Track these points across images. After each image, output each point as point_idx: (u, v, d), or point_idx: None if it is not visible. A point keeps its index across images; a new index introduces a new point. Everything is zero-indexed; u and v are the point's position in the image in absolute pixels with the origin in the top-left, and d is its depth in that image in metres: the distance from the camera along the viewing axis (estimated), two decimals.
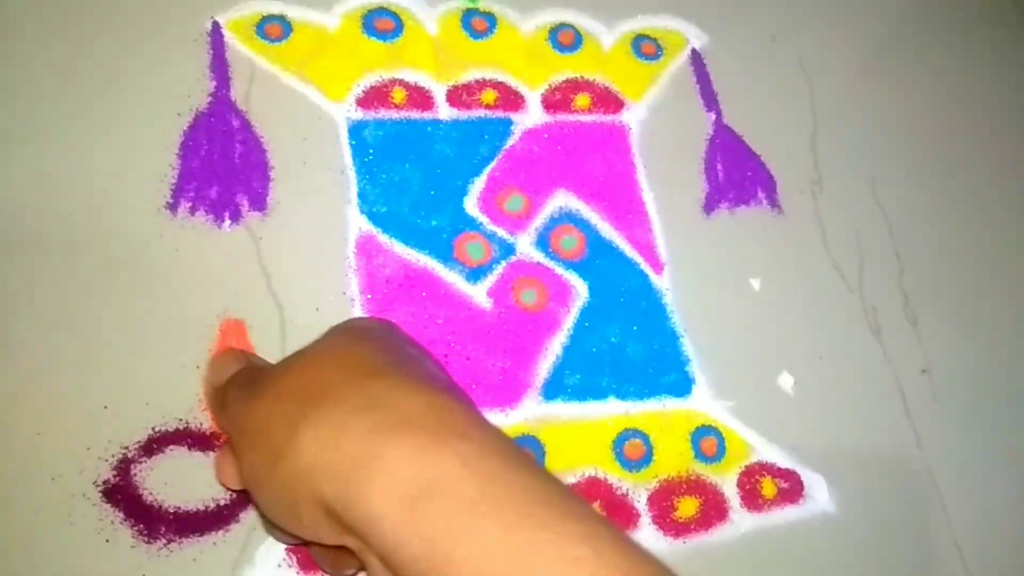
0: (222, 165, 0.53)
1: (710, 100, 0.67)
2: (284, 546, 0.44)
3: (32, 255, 0.47)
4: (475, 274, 0.56)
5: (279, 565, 0.44)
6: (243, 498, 0.45)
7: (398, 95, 0.59)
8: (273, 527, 0.39)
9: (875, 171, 0.70)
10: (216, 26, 0.58)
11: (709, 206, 0.63)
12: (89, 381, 0.45)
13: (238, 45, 0.58)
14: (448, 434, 0.30)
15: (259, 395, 0.34)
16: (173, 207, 0.51)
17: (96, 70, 0.54)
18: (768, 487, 0.55)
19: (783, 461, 0.56)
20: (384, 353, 0.36)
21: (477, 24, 0.64)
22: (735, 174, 0.65)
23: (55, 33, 0.54)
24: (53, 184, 0.50)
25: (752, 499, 0.55)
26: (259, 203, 0.53)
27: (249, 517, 0.45)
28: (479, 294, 0.55)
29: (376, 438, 0.29)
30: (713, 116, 0.67)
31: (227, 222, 0.52)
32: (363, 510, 0.28)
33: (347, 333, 0.39)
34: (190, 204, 0.52)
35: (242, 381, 0.39)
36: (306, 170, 0.55)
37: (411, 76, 0.60)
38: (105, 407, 0.45)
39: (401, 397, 0.31)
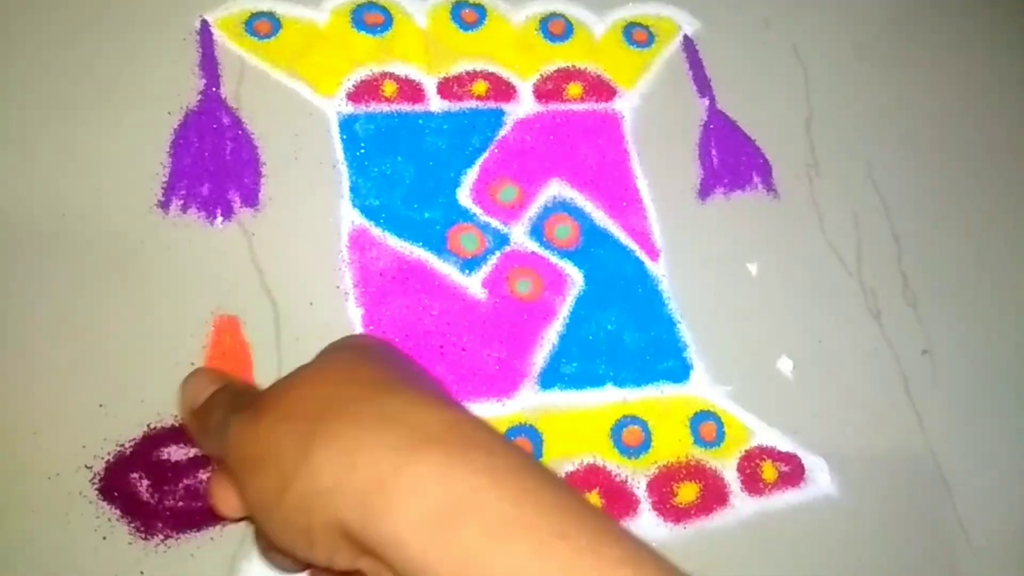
0: (213, 162, 0.53)
1: (703, 86, 0.67)
2: None
3: (25, 256, 0.47)
4: (469, 265, 0.56)
5: None
6: None
7: (389, 88, 0.59)
8: (271, 553, 0.38)
9: (871, 154, 0.69)
10: (205, 24, 0.58)
11: (704, 192, 0.63)
12: (85, 380, 0.46)
13: (227, 43, 0.58)
14: (474, 450, 0.28)
15: (262, 415, 0.31)
16: (165, 205, 0.51)
17: (85, 71, 0.54)
18: (769, 471, 0.55)
19: (783, 445, 0.56)
20: (392, 369, 0.33)
21: (467, 16, 0.64)
22: (730, 159, 0.65)
23: (43, 35, 0.54)
24: (45, 185, 0.50)
25: (753, 483, 0.54)
26: (251, 199, 0.53)
27: None
28: (474, 285, 0.55)
29: (398, 455, 0.27)
30: (707, 102, 0.66)
31: (219, 219, 0.52)
32: (385, 532, 0.27)
33: (349, 349, 0.37)
34: (182, 202, 0.52)
35: (230, 402, 0.37)
36: (298, 165, 0.55)
37: (401, 69, 0.60)
38: (101, 406, 0.45)
39: (420, 413, 0.29)
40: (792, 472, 0.55)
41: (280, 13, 0.60)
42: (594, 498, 0.51)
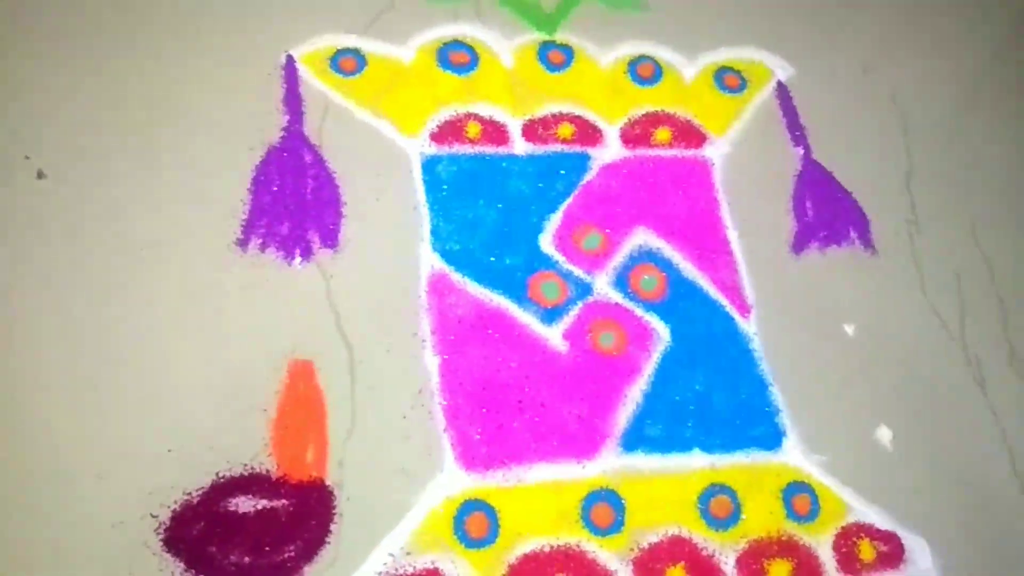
0: (294, 200, 0.52)
1: (797, 135, 0.64)
2: None
3: (101, 296, 0.47)
4: (551, 315, 0.53)
5: None
6: (306, 551, 0.42)
7: (473, 129, 0.58)
8: None
9: (975, 212, 0.65)
10: (290, 60, 0.57)
11: (798, 245, 0.60)
12: (154, 423, 0.44)
13: (312, 79, 0.57)
14: None
15: None
16: (243, 243, 0.50)
17: (170, 105, 0.53)
18: (866, 550, 0.51)
19: (882, 522, 0.52)
20: None
21: (554, 57, 0.62)
22: (826, 212, 0.61)
23: (131, 70, 0.54)
24: (125, 218, 0.49)
25: (849, 563, 0.51)
26: (330, 240, 0.52)
27: (312, 570, 0.42)
28: (555, 336, 0.53)
29: None
30: (801, 151, 0.63)
31: (297, 259, 0.50)
32: None
33: None
34: (260, 240, 0.50)
35: None
36: (379, 206, 0.54)
37: (486, 110, 0.59)
38: (169, 450, 0.44)
39: None
40: (891, 552, 0.51)
41: (366, 50, 0.59)
42: (679, 572, 0.48)
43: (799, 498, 0.51)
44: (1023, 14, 0.78)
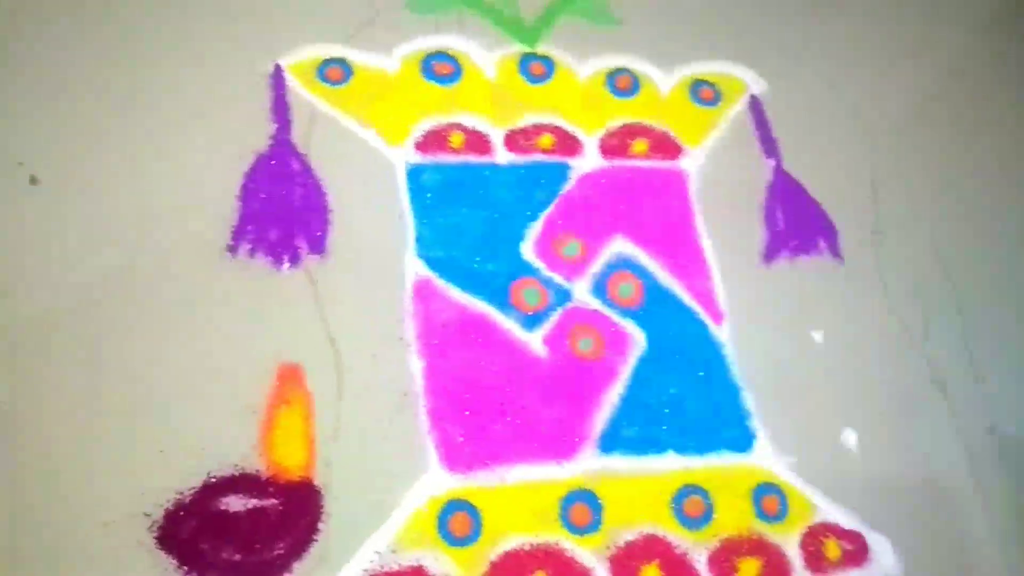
0: (282, 207, 0.53)
1: (770, 146, 0.66)
2: None
3: (92, 300, 0.48)
4: (531, 321, 0.55)
5: None
6: (295, 548, 0.44)
7: (456, 139, 0.59)
8: None
9: (934, 222, 0.68)
10: (278, 69, 0.58)
11: (769, 255, 0.62)
12: (146, 426, 0.45)
13: (299, 88, 0.58)
14: None
15: None
16: (233, 249, 0.51)
17: (158, 114, 0.54)
18: (832, 549, 0.53)
19: (847, 522, 0.54)
20: None
21: (535, 68, 0.64)
22: (796, 222, 0.63)
23: (119, 80, 0.55)
24: (114, 229, 0.50)
25: (816, 561, 0.53)
26: (318, 246, 0.53)
27: (301, 567, 0.44)
28: (535, 341, 0.54)
29: None
30: (773, 163, 0.65)
31: (286, 264, 0.52)
32: None
33: None
34: (250, 246, 0.51)
35: None
36: (365, 214, 0.55)
37: (469, 120, 0.60)
38: (161, 452, 0.45)
39: None
40: (856, 551, 0.54)
41: (352, 60, 0.60)
42: (654, 570, 0.50)
43: (768, 498, 0.53)
44: (977, 27, 0.81)
